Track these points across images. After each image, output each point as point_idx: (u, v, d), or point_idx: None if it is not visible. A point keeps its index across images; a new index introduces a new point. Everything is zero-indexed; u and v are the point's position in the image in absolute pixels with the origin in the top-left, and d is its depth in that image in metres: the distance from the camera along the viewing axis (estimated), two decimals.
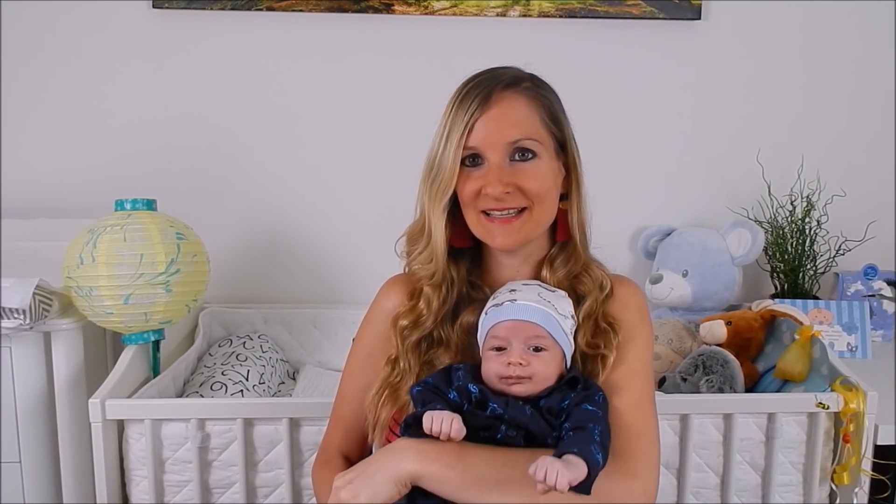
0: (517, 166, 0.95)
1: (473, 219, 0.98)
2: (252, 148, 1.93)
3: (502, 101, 0.95)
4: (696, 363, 1.52)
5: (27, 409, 1.41)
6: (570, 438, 0.84)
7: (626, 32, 1.92)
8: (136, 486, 1.33)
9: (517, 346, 0.91)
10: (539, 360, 0.91)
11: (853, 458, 1.34)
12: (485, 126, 0.94)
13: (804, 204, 1.89)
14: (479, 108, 0.94)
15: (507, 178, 0.94)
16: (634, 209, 1.98)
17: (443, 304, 1.01)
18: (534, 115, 0.97)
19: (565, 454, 0.80)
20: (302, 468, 1.35)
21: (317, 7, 1.86)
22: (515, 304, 0.93)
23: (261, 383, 1.64)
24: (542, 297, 0.94)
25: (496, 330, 0.93)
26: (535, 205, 0.96)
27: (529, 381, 0.90)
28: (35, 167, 1.88)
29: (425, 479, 0.85)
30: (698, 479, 1.37)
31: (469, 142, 0.94)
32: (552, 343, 0.92)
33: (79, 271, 1.37)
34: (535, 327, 0.91)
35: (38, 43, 1.86)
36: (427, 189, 0.98)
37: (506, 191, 0.94)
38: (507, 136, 0.94)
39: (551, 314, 0.92)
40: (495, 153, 0.95)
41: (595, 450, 0.82)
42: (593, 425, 0.85)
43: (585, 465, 0.79)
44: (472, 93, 0.95)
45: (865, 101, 1.98)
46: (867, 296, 1.92)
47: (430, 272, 1.00)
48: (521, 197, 0.95)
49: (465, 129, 0.94)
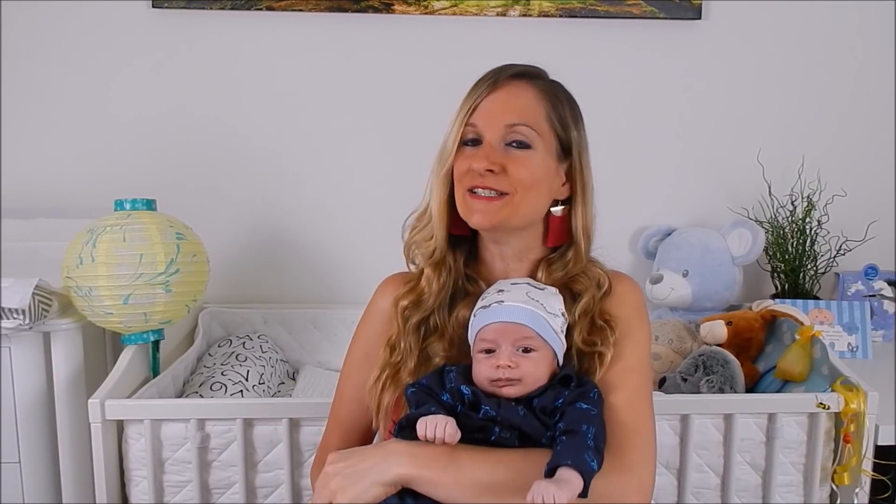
0: (510, 151, 0.96)
1: (460, 196, 0.98)
2: (252, 148, 1.93)
3: (510, 87, 0.98)
4: (697, 363, 1.52)
5: (26, 409, 1.41)
6: (562, 446, 0.83)
7: (627, 32, 1.92)
8: (135, 486, 1.33)
9: (506, 349, 0.90)
10: (528, 361, 0.90)
11: (854, 459, 1.34)
12: (488, 105, 0.97)
13: (805, 204, 1.89)
14: (486, 89, 0.97)
15: (494, 157, 0.95)
16: (634, 209, 1.98)
17: (442, 287, 1.01)
18: (538, 107, 0.98)
19: (560, 467, 0.80)
20: (302, 468, 1.34)
21: (316, 7, 1.85)
22: (503, 306, 0.93)
23: (260, 383, 1.64)
24: (530, 296, 0.94)
25: (484, 332, 0.93)
26: (518, 192, 0.95)
27: (520, 382, 0.89)
28: (34, 167, 1.88)
29: (417, 483, 0.85)
30: (699, 480, 1.36)
31: (471, 119, 0.97)
32: (541, 343, 0.91)
33: (78, 271, 1.37)
34: (522, 328, 0.91)
35: (38, 42, 1.86)
36: (434, 164, 1.01)
37: (490, 168, 0.94)
38: (506, 118, 0.96)
39: (539, 314, 0.92)
40: (492, 133, 0.96)
41: (589, 457, 0.81)
42: (587, 427, 0.85)
43: (581, 478, 0.79)
44: (486, 78, 0.99)
45: (866, 100, 1.98)
46: (868, 296, 1.91)
47: (430, 250, 1.01)
48: (506, 181, 0.95)
49: (469, 108, 0.97)
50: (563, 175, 1.01)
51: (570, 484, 0.78)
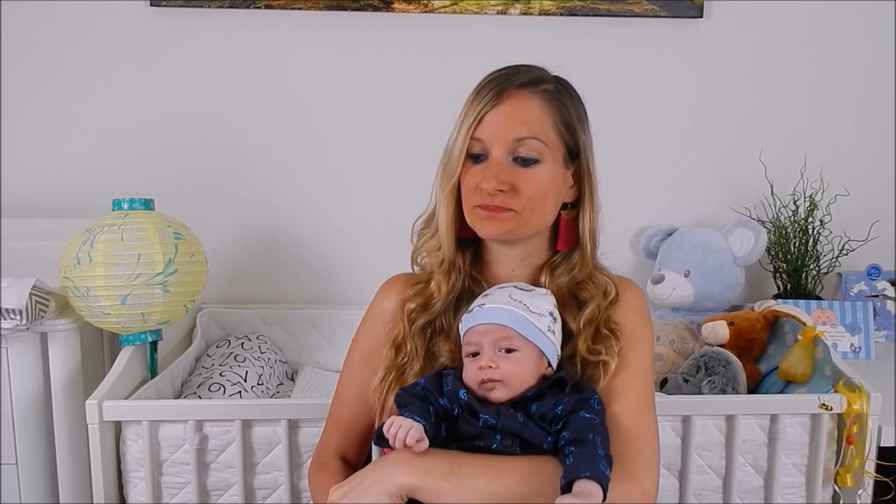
0: (517, 169, 0.95)
1: (469, 209, 0.98)
2: (251, 147, 1.92)
3: (515, 98, 0.95)
4: (699, 364, 1.52)
5: (24, 410, 1.40)
6: (575, 457, 0.83)
7: (628, 30, 1.91)
8: (133, 488, 1.32)
9: (487, 350, 0.91)
10: (510, 361, 0.90)
11: (857, 460, 1.33)
12: (493, 119, 0.95)
13: (807, 203, 1.88)
14: (491, 101, 0.95)
15: (503, 177, 0.94)
16: (636, 209, 1.97)
17: (451, 290, 1.01)
18: (545, 117, 0.96)
19: (578, 479, 0.80)
20: (300, 470, 1.34)
21: (316, 5, 1.85)
22: (483, 309, 0.94)
23: (259, 384, 1.63)
24: (512, 297, 0.94)
25: (469, 336, 0.94)
26: (527, 209, 0.95)
27: (502, 384, 0.90)
28: (32, 166, 1.87)
29: (420, 492, 0.85)
30: (700, 481, 1.36)
31: (476, 132, 0.95)
32: (524, 342, 0.91)
33: (76, 271, 1.36)
34: (502, 329, 0.91)
35: (35, 41, 1.85)
36: (438, 177, 1.00)
37: (500, 188, 0.94)
38: (513, 132, 0.94)
39: (520, 314, 0.92)
40: (498, 148, 0.95)
41: (603, 466, 0.82)
42: (594, 436, 0.85)
43: (600, 489, 0.80)
44: (489, 86, 0.96)
45: (869, 99, 1.97)
46: (871, 296, 1.91)
47: (439, 259, 1.01)
48: (514, 199, 0.95)
49: (474, 120, 0.95)
50: (571, 178, 1.01)
51: (592, 496, 0.79)
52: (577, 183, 1.01)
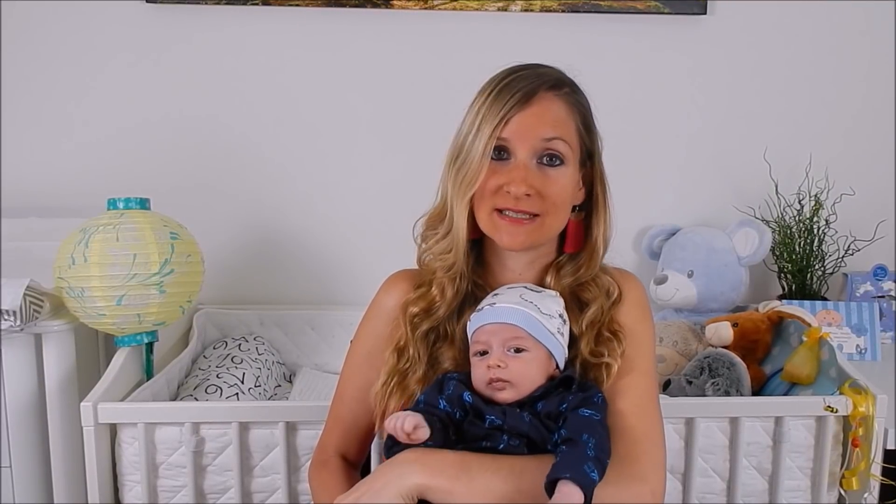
0: (544, 170, 0.94)
1: (485, 213, 0.96)
2: (248, 146, 1.91)
3: (544, 101, 0.94)
4: (702, 365, 1.50)
5: (18, 412, 1.40)
6: (561, 457, 0.83)
7: (630, 28, 1.90)
8: (128, 491, 1.31)
9: (496, 349, 0.91)
10: (519, 361, 0.90)
11: (862, 463, 1.33)
12: (521, 120, 0.93)
13: (812, 203, 1.87)
14: (518, 102, 0.92)
15: (531, 180, 0.93)
16: (639, 208, 1.96)
17: (455, 294, 1.00)
18: (570, 120, 0.96)
19: (559, 480, 0.79)
20: (298, 473, 1.33)
21: (314, 2, 1.83)
22: (494, 308, 0.93)
23: (256, 386, 1.62)
24: (523, 297, 0.93)
25: (477, 335, 0.93)
26: (550, 213, 0.95)
27: (511, 384, 0.90)
28: (26, 165, 1.86)
29: (432, 492, 0.84)
30: (704, 484, 1.35)
31: (501, 133, 0.93)
32: (533, 343, 0.91)
33: (70, 272, 1.35)
34: (513, 328, 0.91)
35: (31, 40, 1.84)
36: (452, 177, 0.96)
37: (528, 192, 0.92)
38: (543, 132, 0.93)
39: (531, 314, 0.92)
40: (525, 149, 0.93)
41: (589, 468, 0.80)
42: (587, 436, 0.84)
43: (580, 491, 0.78)
44: (514, 86, 0.93)
45: (874, 97, 1.96)
46: (877, 297, 1.89)
47: (449, 263, 0.99)
48: (540, 203, 0.94)
49: (500, 121, 0.92)
50: (581, 180, 1.00)
51: (570, 497, 0.78)
52: (586, 185, 1.01)
